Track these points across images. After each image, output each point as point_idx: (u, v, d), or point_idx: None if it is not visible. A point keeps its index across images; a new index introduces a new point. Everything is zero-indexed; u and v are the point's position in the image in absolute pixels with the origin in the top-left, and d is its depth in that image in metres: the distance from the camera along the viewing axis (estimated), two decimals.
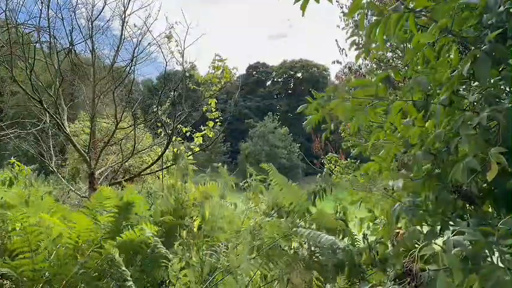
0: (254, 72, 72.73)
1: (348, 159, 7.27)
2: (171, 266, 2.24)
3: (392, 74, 2.03)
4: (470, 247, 1.55)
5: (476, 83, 1.89)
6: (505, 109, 1.66)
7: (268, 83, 73.35)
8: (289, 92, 70.76)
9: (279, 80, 72.69)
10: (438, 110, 1.74)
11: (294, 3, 1.80)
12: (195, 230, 2.88)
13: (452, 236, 1.59)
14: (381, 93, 1.85)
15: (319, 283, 2.86)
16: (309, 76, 68.37)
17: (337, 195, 3.46)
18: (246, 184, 3.95)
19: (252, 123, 59.24)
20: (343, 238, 3.25)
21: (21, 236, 2.98)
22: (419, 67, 1.89)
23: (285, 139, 54.12)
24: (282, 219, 3.14)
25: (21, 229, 2.93)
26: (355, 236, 3.25)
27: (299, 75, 70.79)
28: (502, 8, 1.59)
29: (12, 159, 5.97)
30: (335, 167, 7.13)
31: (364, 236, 2.98)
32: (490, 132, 1.78)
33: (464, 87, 1.93)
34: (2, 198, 3.20)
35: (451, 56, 1.78)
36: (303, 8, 1.83)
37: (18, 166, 5.59)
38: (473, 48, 1.73)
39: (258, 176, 4.03)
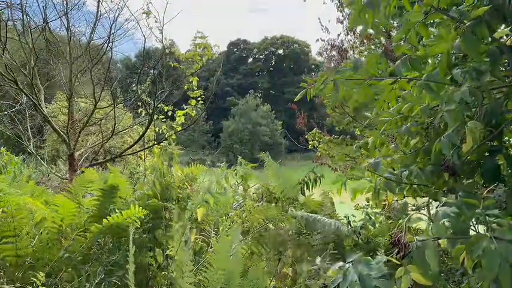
0: (235, 49, 71.72)
1: (333, 136, 7.30)
2: (169, 247, 2.24)
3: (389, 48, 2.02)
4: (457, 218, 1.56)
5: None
6: (484, 84, 1.66)
7: (250, 60, 72.56)
8: (271, 69, 70.23)
9: (261, 57, 71.95)
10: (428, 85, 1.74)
11: None
12: (199, 216, 2.86)
13: (440, 207, 1.61)
14: (372, 72, 1.84)
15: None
16: (290, 53, 67.90)
17: (323, 174, 3.53)
18: (235, 171, 3.96)
19: (234, 100, 58.80)
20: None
21: (3, 220, 2.88)
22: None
23: (267, 116, 54.05)
24: (272, 205, 3.22)
25: (4, 212, 2.84)
26: (341, 219, 3.35)
27: (280, 51, 70.19)
28: None
29: (2, 149, 5.67)
30: (319, 144, 7.14)
31: (348, 221, 3.17)
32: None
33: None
34: None
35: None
36: None
37: (7, 155, 5.31)
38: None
39: (247, 164, 4.06)
